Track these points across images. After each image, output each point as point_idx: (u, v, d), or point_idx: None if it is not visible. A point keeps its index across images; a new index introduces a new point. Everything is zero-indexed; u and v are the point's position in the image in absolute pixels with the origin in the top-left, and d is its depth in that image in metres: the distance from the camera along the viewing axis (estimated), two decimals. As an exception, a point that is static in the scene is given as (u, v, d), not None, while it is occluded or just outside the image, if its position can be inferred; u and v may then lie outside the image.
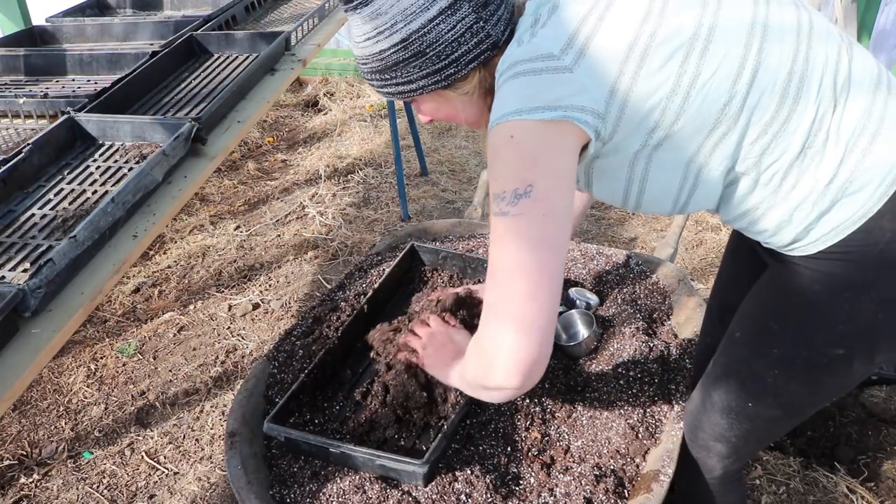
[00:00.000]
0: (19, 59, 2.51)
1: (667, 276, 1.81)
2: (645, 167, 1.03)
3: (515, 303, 0.92)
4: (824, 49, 1.00)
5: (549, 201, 0.92)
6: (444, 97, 1.10)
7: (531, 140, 0.93)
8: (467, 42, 1.02)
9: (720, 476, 1.36)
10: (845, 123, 0.98)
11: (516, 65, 0.97)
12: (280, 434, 1.34)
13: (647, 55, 0.95)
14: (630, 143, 1.00)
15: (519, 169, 0.93)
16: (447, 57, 1.03)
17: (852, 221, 1.00)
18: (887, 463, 1.95)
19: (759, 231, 1.09)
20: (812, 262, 1.06)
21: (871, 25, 3.69)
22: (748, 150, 0.99)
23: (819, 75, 0.98)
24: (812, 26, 1.02)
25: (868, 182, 0.98)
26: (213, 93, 2.25)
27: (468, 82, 1.07)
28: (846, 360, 1.10)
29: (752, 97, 0.96)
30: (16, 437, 2.24)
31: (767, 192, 1.02)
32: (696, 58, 0.95)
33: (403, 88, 1.08)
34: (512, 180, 0.93)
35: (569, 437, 1.39)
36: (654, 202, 1.08)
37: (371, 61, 1.07)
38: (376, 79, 1.10)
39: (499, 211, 0.94)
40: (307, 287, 2.89)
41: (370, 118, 4.40)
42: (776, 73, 0.97)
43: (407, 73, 1.06)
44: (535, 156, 0.93)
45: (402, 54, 1.04)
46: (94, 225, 1.48)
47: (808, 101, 0.97)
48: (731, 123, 0.97)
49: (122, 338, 2.66)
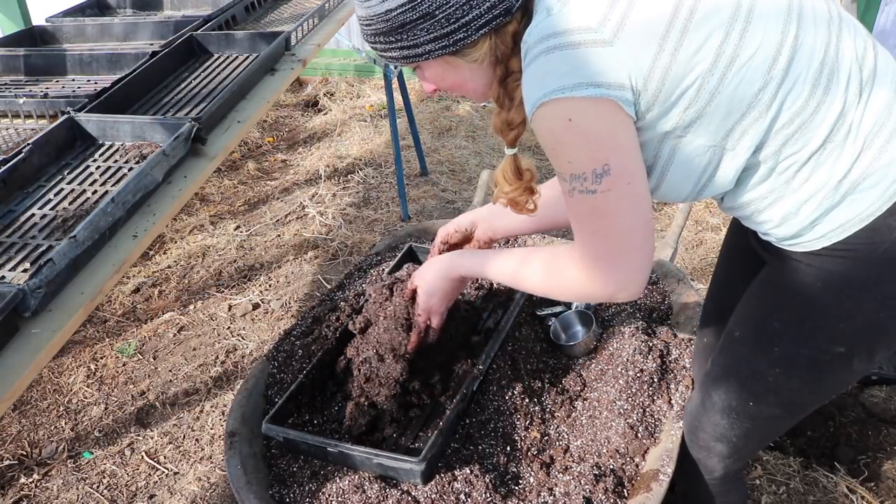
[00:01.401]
0: (19, 59, 2.51)
1: (666, 276, 1.81)
2: (672, 149, 1.01)
3: (636, 244, 1.01)
4: (853, 41, 1.00)
5: (628, 171, 0.97)
6: (451, 64, 1.06)
7: (589, 122, 0.94)
8: (480, 5, 0.98)
9: (721, 476, 1.36)
10: (867, 118, 0.98)
11: (550, 37, 0.94)
12: (279, 434, 1.34)
13: (686, 31, 0.93)
14: (662, 122, 0.98)
15: (590, 151, 0.95)
16: (457, 20, 0.99)
17: (860, 219, 1.00)
18: (887, 463, 1.95)
19: (762, 221, 1.08)
20: (814, 258, 1.06)
21: (871, 25, 3.69)
22: (773, 137, 0.98)
23: (848, 67, 0.98)
24: (841, 18, 1.02)
25: (881, 179, 0.98)
26: (213, 93, 2.25)
27: (478, 49, 1.03)
28: (847, 357, 1.09)
29: (786, 84, 0.95)
30: (16, 437, 2.24)
31: (780, 182, 1.01)
32: (735, 38, 0.94)
33: (409, 52, 1.04)
34: (587, 162, 0.95)
35: (568, 437, 1.39)
36: (674, 186, 1.06)
37: (376, 22, 1.03)
38: (380, 41, 1.05)
39: (584, 189, 0.97)
40: (307, 287, 2.89)
41: (370, 118, 4.40)
42: (810, 62, 0.96)
43: (414, 36, 1.01)
44: (599, 136, 0.95)
45: (409, 15, 0.99)
46: (94, 225, 1.48)
47: (836, 92, 0.97)
48: (763, 109, 0.96)
49: (122, 338, 2.66)
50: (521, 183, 1.15)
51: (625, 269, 1.03)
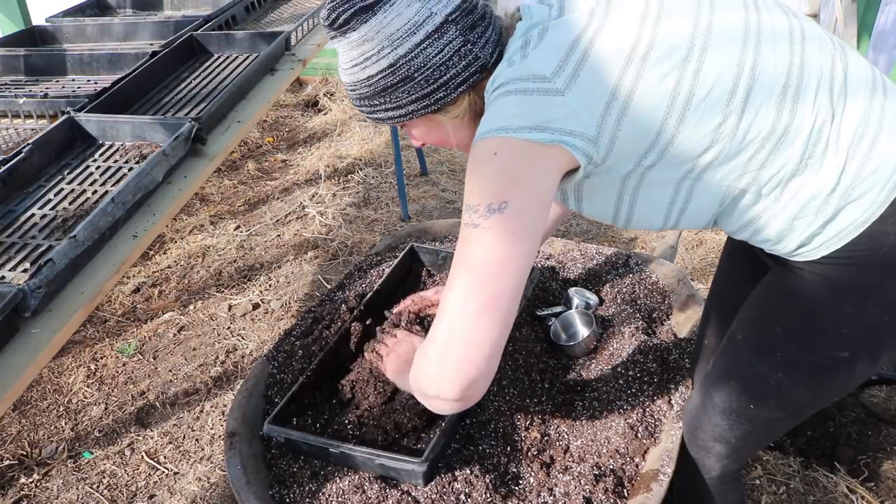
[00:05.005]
0: (19, 59, 2.51)
1: (666, 276, 1.81)
2: (636, 185, 1.02)
3: (469, 314, 0.92)
4: (818, 56, 0.99)
5: (521, 221, 0.92)
6: (434, 121, 1.10)
7: (515, 159, 0.93)
8: (455, 65, 1.02)
9: (718, 476, 1.36)
10: (844, 131, 0.97)
11: (507, 83, 0.96)
12: (280, 435, 1.34)
13: (640, 78, 0.94)
14: (623, 165, 0.99)
15: (497, 185, 0.92)
16: (436, 81, 1.03)
17: (855, 226, 1.00)
18: (887, 463, 1.95)
19: (763, 240, 1.08)
20: (816, 266, 1.06)
21: (871, 25, 3.69)
22: (746, 165, 0.98)
23: (815, 84, 0.97)
24: (804, 34, 1.01)
25: (871, 187, 0.98)
26: (213, 93, 2.25)
27: (458, 106, 1.07)
28: (850, 362, 1.09)
29: (748, 113, 0.95)
30: (16, 437, 2.24)
31: (769, 201, 1.02)
32: (689, 79, 0.94)
33: (393, 114, 1.08)
34: (488, 194, 0.92)
35: (568, 437, 1.39)
36: (644, 218, 1.08)
37: (360, 87, 1.07)
38: (366, 105, 1.10)
39: (469, 222, 0.93)
40: (307, 287, 2.89)
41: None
42: (772, 86, 0.96)
43: (396, 99, 1.06)
44: (516, 174, 0.93)
45: (390, 79, 1.04)
46: (94, 225, 1.48)
47: (804, 111, 0.96)
48: (726, 141, 0.96)
49: (122, 338, 2.66)
50: None
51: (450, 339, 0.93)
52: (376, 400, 1.39)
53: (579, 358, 1.58)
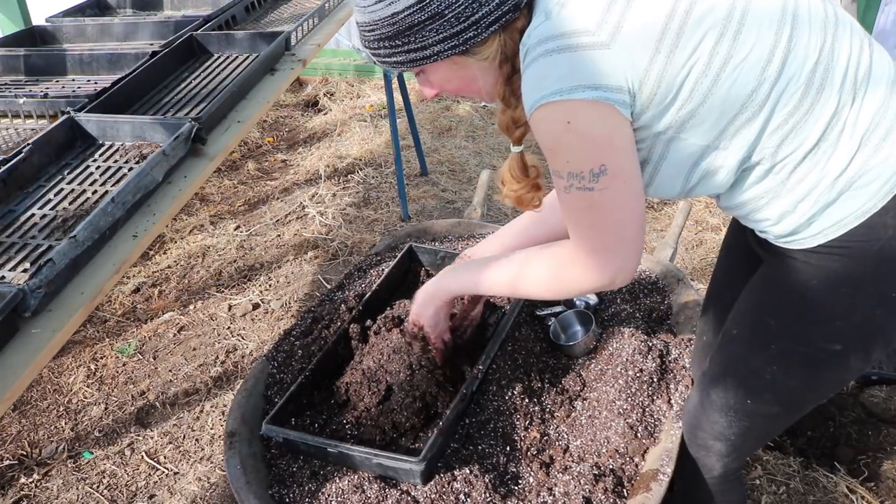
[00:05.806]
0: (19, 59, 2.51)
1: (666, 275, 1.81)
2: (665, 146, 1.02)
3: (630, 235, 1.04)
4: (848, 42, 1.00)
5: (624, 170, 0.99)
6: (458, 64, 1.04)
7: (588, 124, 0.95)
8: (489, 2, 0.97)
9: (720, 475, 1.36)
10: (862, 117, 0.98)
11: (549, 40, 0.95)
12: (278, 435, 1.34)
13: (682, 34, 0.94)
14: (656, 123, 0.99)
15: (588, 152, 0.97)
16: (467, 19, 0.97)
17: (856, 216, 1.00)
18: (887, 463, 1.95)
19: (759, 220, 1.08)
20: (810, 256, 1.06)
21: (871, 25, 3.69)
22: (767, 139, 0.99)
23: (843, 67, 0.98)
24: (837, 18, 1.02)
25: (877, 177, 0.99)
26: (213, 93, 2.25)
27: (487, 47, 1.02)
28: (843, 355, 1.10)
29: (779, 85, 0.96)
30: (16, 437, 2.24)
31: (776, 181, 1.02)
32: (728, 39, 0.95)
33: (416, 55, 1.02)
34: (585, 162, 0.97)
35: (568, 437, 1.39)
36: (665, 182, 1.07)
37: (381, 26, 1.01)
38: (384, 46, 1.03)
39: (581, 186, 0.99)
40: (307, 287, 2.89)
41: (370, 118, 4.40)
42: (804, 63, 0.97)
43: (422, 38, 1.00)
44: (597, 139, 0.96)
45: (418, 16, 0.98)
46: (94, 225, 1.48)
47: (830, 92, 0.97)
48: (756, 110, 0.97)
49: (122, 338, 2.66)
50: (528, 180, 1.16)
51: (621, 257, 1.06)
52: (372, 400, 1.39)
53: (579, 358, 1.58)
